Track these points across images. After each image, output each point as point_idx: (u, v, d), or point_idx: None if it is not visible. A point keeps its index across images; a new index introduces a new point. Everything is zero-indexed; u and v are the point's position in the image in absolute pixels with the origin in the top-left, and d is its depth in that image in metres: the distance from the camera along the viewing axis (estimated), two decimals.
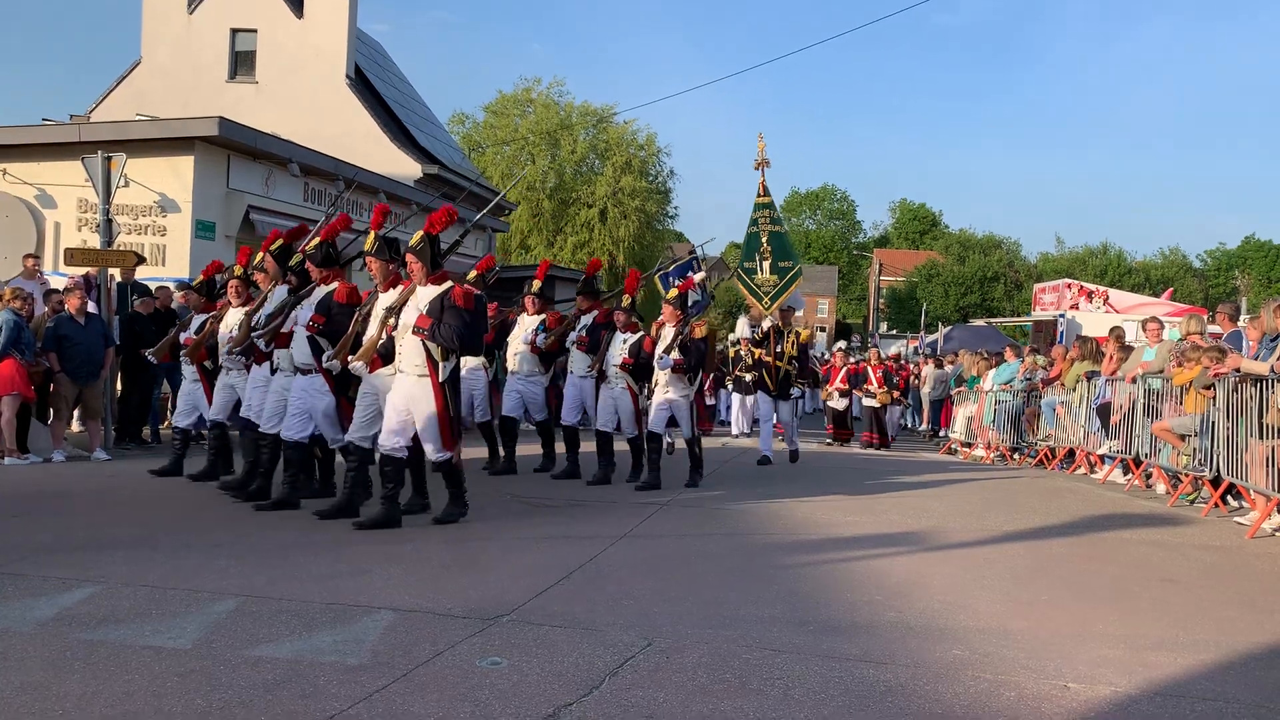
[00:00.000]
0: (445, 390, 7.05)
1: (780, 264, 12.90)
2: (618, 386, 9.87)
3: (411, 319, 7.00)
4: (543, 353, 10.37)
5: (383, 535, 6.85)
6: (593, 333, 10.18)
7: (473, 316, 7.12)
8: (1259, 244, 77.74)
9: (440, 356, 7.01)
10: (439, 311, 6.95)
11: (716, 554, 6.67)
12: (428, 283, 7.09)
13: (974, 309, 65.07)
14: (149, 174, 15.09)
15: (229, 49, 25.43)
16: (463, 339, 7.02)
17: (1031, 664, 4.30)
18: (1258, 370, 8.07)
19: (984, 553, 7.05)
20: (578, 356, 10.27)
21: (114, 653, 4.08)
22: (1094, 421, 12.30)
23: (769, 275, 12.90)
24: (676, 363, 9.47)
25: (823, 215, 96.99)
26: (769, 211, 13.21)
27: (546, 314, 10.59)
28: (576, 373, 10.30)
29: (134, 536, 6.57)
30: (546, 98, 46.14)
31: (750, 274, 13.04)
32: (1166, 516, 9.04)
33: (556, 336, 10.31)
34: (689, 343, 9.52)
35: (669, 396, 9.60)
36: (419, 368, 7.01)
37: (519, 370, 10.47)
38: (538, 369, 10.45)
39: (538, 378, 10.48)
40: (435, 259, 7.12)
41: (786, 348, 12.14)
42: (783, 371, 12.11)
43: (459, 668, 4.02)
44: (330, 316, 7.58)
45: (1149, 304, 27.05)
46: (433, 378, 7.00)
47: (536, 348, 10.29)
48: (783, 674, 4.04)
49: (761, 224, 13.12)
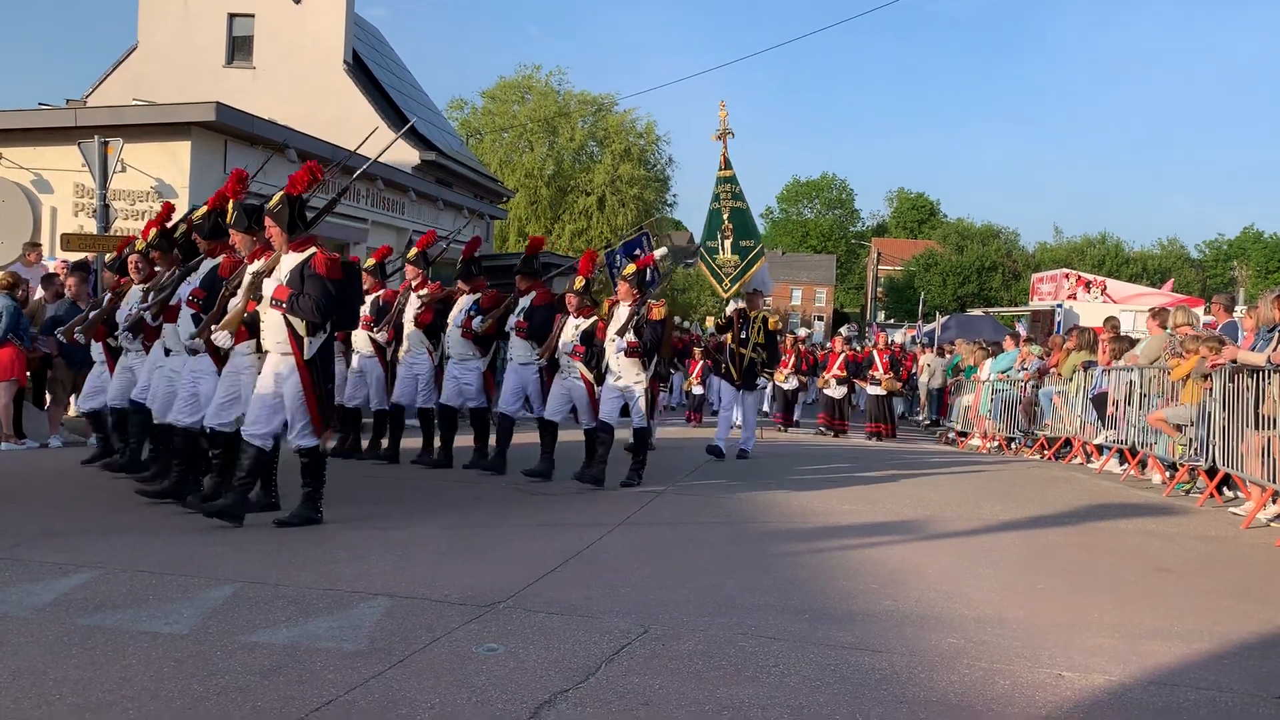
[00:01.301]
0: (313, 369, 6.43)
1: (742, 243, 11.86)
2: (571, 376, 9.16)
3: (271, 290, 6.39)
4: (478, 336, 9.63)
5: (381, 521, 6.85)
6: (531, 316, 9.43)
7: (340, 285, 6.42)
8: (1257, 235, 77.78)
9: (305, 331, 6.37)
10: (299, 281, 6.30)
11: (713, 542, 6.68)
12: (289, 250, 6.44)
13: (972, 298, 65.13)
14: (146, 159, 15.04)
15: (226, 34, 25.33)
16: (325, 310, 6.33)
17: (1026, 652, 4.32)
18: (1254, 361, 8.07)
19: (980, 542, 7.06)
20: (516, 342, 9.59)
21: (111, 638, 4.08)
22: (1090, 411, 12.32)
23: (730, 255, 11.85)
24: (630, 345, 8.73)
25: (821, 204, 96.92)
26: (730, 186, 12.10)
27: (481, 294, 9.83)
28: (515, 359, 9.62)
29: (131, 522, 6.57)
30: (546, 85, 46.04)
31: (712, 254, 12.01)
32: (1162, 506, 9.06)
33: (494, 319, 9.58)
34: (645, 325, 8.83)
35: (622, 383, 8.87)
36: (281, 344, 6.40)
37: (453, 354, 9.80)
38: (472, 353, 9.67)
39: (472, 362, 9.69)
40: (295, 222, 6.44)
41: (753, 334, 11.49)
42: (747, 360, 11.47)
43: (456, 654, 4.03)
44: (213, 291, 6.98)
45: (1147, 294, 27.06)
46: (296, 355, 6.38)
47: (469, 331, 9.57)
48: (778, 661, 4.06)
49: (723, 200, 12.04)
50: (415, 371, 9.83)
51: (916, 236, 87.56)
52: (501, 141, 45.22)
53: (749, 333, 11.47)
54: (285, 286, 6.32)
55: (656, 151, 47.79)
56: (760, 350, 11.44)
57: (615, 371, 8.83)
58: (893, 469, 11.46)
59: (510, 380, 9.64)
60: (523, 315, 9.45)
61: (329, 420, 6.66)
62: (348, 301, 6.67)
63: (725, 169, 12.08)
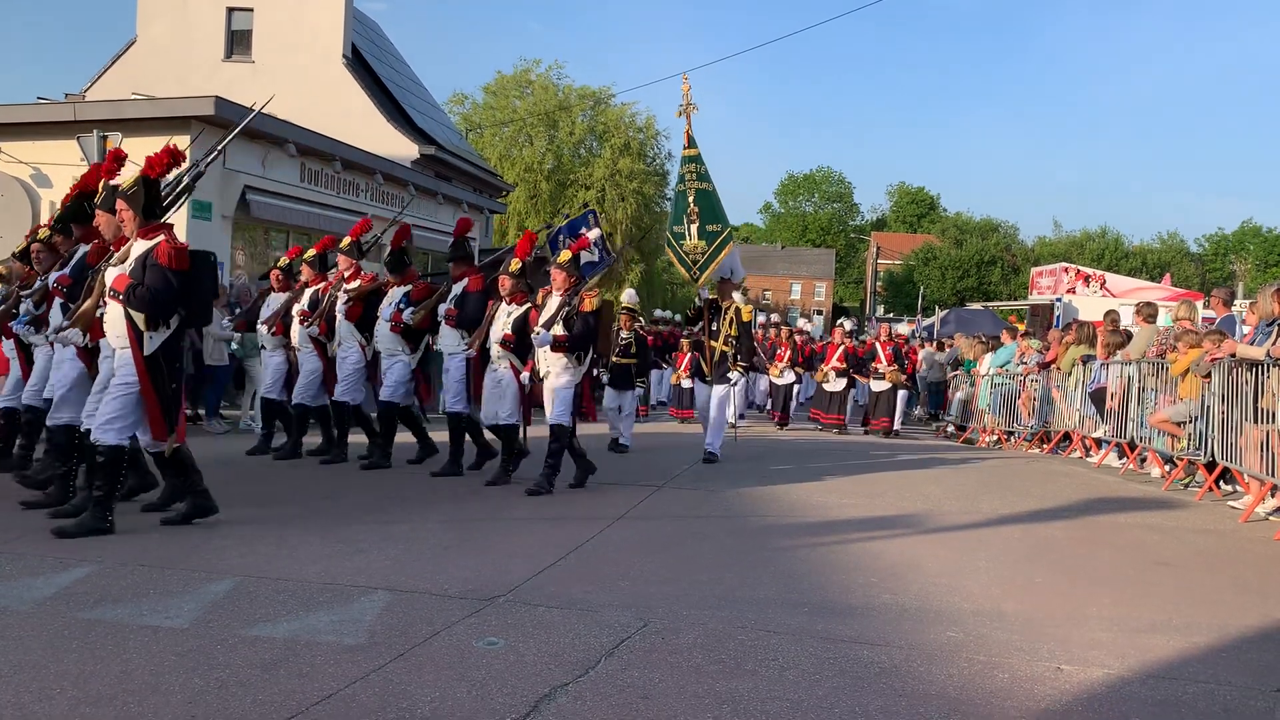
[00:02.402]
0: (154, 367, 5.93)
1: (708, 228, 10.85)
2: (500, 367, 8.48)
3: (111, 279, 5.92)
4: (408, 330, 9.13)
5: (381, 515, 6.86)
6: (463, 303, 8.87)
7: (186, 277, 5.94)
8: (1256, 229, 77.75)
9: (144, 325, 5.88)
10: (142, 271, 5.84)
11: (713, 536, 6.69)
12: (139, 236, 5.98)
13: (971, 292, 65.14)
14: (145, 153, 14.97)
15: (225, 28, 25.30)
16: (163, 304, 5.86)
17: (1025, 646, 4.32)
18: (1253, 355, 8.07)
19: (979, 535, 7.07)
20: (446, 332, 8.97)
21: (112, 632, 4.09)
22: (1089, 405, 12.32)
23: (697, 241, 10.84)
24: (558, 339, 8.01)
25: (820, 198, 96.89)
26: (695, 166, 11.05)
27: (412, 285, 9.34)
28: (445, 350, 9.05)
29: (131, 516, 6.57)
30: (545, 79, 46.04)
31: (679, 240, 10.99)
32: (1161, 500, 9.07)
33: (427, 310, 9.05)
34: (577, 316, 8.09)
35: (553, 380, 8.18)
36: (121, 338, 5.93)
37: (381, 349, 9.33)
38: (400, 348, 9.22)
39: (400, 357, 9.25)
40: (152, 207, 6.01)
41: (724, 325, 10.70)
42: (718, 353, 10.67)
43: (456, 648, 4.03)
44: (78, 278, 6.55)
45: (1146, 288, 27.07)
46: (134, 350, 5.89)
47: (399, 324, 9.08)
48: (778, 655, 4.06)
49: (689, 181, 10.98)
50: (345, 368, 9.44)
51: (916, 230, 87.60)
52: (501, 136, 45.24)
53: (720, 324, 10.73)
54: (126, 276, 5.86)
55: (656, 146, 47.83)
56: (732, 343, 10.66)
57: (546, 368, 8.20)
58: (892, 463, 11.47)
59: (450, 376, 9.10)
60: (454, 303, 8.92)
61: (174, 421, 6.09)
62: (196, 295, 6.12)
63: (690, 148, 11.19)
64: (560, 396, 8.16)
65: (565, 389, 8.16)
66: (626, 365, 12.07)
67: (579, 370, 8.24)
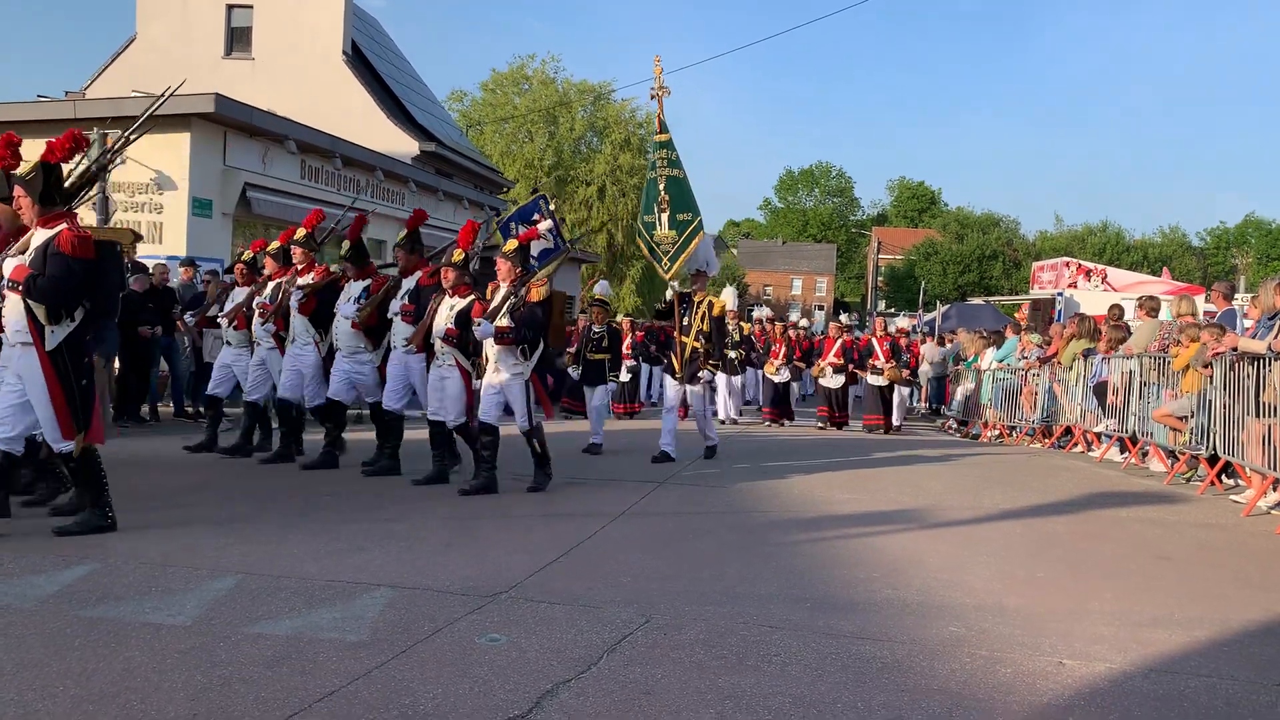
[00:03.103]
0: (58, 362, 5.65)
1: (679, 217, 10.24)
2: (445, 363, 8.14)
3: (9, 270, 5.67)
4: (369, 327, 8.80)
5: (382, 513, 6.86)
6: (418, 298, 8.49)
7: (91, 267, 5.66)
8: (1259, 222, 77.64)
9: (46, 318, 5.62)
10: (43, 261, 5.57)
11: (714, 531, 6.69)
12: (39, 225, 5.72)
13: (972, 287, 65.07)
14: (145, 151, 15.03)
15: (225, 25, 25.32)
16: (64, 294, 5.59)
17: (1027, 641, 4.32)
18: (1255, 349, 8.07)
19: (981, 530, 7.07)
20: (400, 328, 8.60)
21: (114, 630, 4.09)
22: (1091, 400, 12.32)
23: (668, 231, 10.22)
24: (500, 330, 7.64)
25: (820, 193, 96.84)
26: (666, 152, 10.49)
27: (371, 279, 9.00)
28: (398, 347, 8.66)
29: (133, 514, 6.57)
30: (543, 74, 46.04)
31: (649, 230, 10.44)
32: (1163, 494, 9.07)
33: (373, 306, 8.70)
34: (523, 308, 7.72)
35: (500, 377, 7.84)
36: (21, 333, 5.66)
37: (341, 347, 8.97)
38: (361, 345, 8.90)
39: (363, 355, 8.93)
40: (51, 194, 5.76)
41: (695, 320, 10.15)
42: (689, 349, 10.15)
43: (458, 644, 4.03)
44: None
45: (1147, 282, 27.03)
46: (37, 345, 5.63)
47: (355, 323, 8.76)
48: (780, 650, 4.06)
49: (660, 168, 10.44)
50: (299, 365, 9.16)
51: (917, 225, 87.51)
52: (501, 132, 45.22)
53: (691, 318, 10.19)
54: (25, 266, 5.59)
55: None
56: (704, 339, 10.13)
57: (494, 363, 7.84)
58: (893, 458, 11.47)
59: (393, 371, 8.72)
60: (408, 298, 8.52)
61: (83, 421, 5.78)
62: (102, 286, 5.88)
63: (661, 132, 10.67)
64: (515, 395, 7.84)
65: (519, 389, 7.83)
66: (599, 360, 11.66)
67: (528, 365, 7.87)
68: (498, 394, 7.86)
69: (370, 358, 8.97)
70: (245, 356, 9.74)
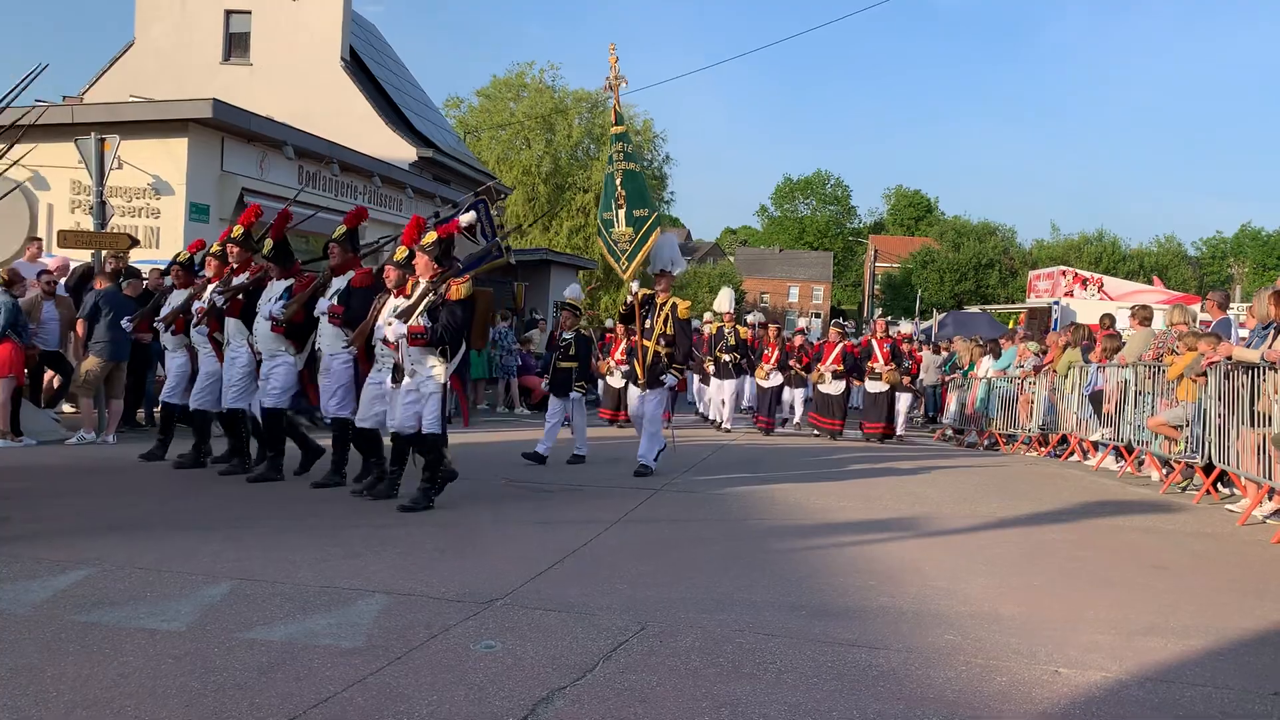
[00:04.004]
0: None
1: (635, 213, 9.64)
2: (386, 368, 7.62)
3: None
4: (291, 328, 8.25)
5: (378, 518, 6.85)
6: (348, 299, 7.97)
7: None
8: (1255, 232, 77.85)
9: None
10: None
11: (710, 539, 6.69)
12: None
13: (969, 295, 65.18)
14: (143, 156, 15.05)
15: (223, 30, 25.32)
16: None
17: (1023, 649, 4.32)
18: (1249, 358, 8.08)
19: (976, 538, 7.07)
20: (327, 329, 8.05)
21: (109, 635, 4.08)
22: (1086, 408, 12.34)
23: (625, 228, 9.62)
24: (412, 330, 7.11)
25: (817, 201, 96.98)
26: (623, 145, 9.99)
27: (295, 279, 8.47)
28: (326, 349, 8.14)
29: (129, 519, 6.57)
30: (539, 82, 46.14)
31: (608, 227, 9.81)
32: (1158, 503, 9.08)
33: (300, 304, 8.18)
34: (441, 306, 7.20)
35: (415, 379, 7.29)
36: None
37: (262, 349, 8.50)
38: (283, 347, 8.36)
39: (282, 358, 8.38)
40: None
41: (657, 323, 9.58)
42: (651, 354, 9.55)
43: (453, 651, 4.03)
44: None
45: (1143, 291, 27.11)
46: None
47: (278, 324, 8.23)
48: (776, 658, 4.06)
49: (616, 162, 9.87)
50: (233, 371, 8.74)
51: (914, 233, 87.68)
52: (499, 139, 45.29)
53: (654, 321, 9.61)
54: None
55: (654, 149, 47.92)
56: (667, 343, 9.57)
57: (411, 365, 7.32)
58: (890, 466, 11.47)
59: (324, 378, 8.22)
60: (337, 298, 8.02)
61: None
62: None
63: (617, 124, 10.23)
64: (429, 400, 7.27)
65: (435, 393, 7.27)
66: (567, 369, 10.90)
67: (448, 368, 7.33)
68: (413, 400, 7.32)
69: (291, 360, 8.43)
70: (185, 362, 9.35)
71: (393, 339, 7.20)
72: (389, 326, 7.19)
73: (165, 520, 6.56)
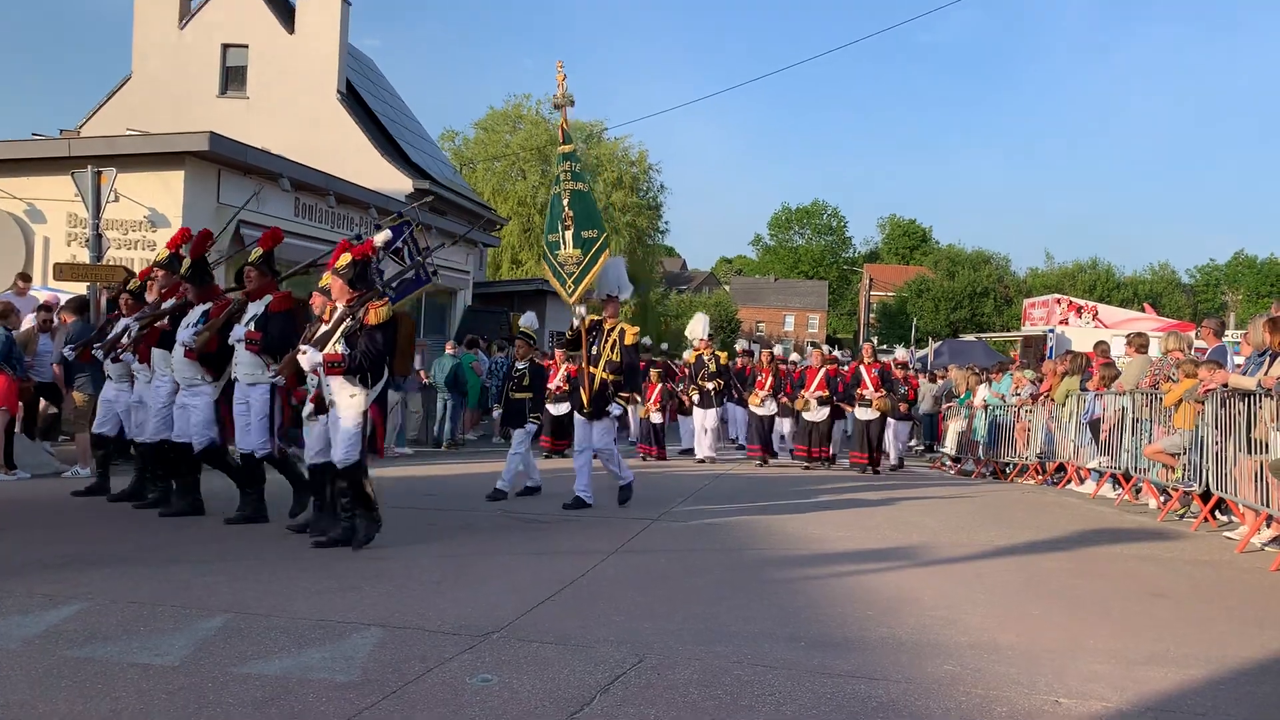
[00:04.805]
0: None
1: (584, 234, 9.23)
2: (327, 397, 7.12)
3: None
4: (206, 356, 7.82)
5: (373, 550, 6.81)
6: (266, 325, 7.58)
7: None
8: (1249, 260, 78.25)
9: None
10: None
11: (708, 569, 6.66)
12: None
13: (964, 324, 65.39)
14: (139, 189, 15.10)
15: (220, 64, 25.50)
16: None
17: (1023, 679, 4.30)
18: (1245, 386, 8.10)
19: (975, 567, 7.05)
20: (244, 356, 7.63)
21: (102, 670, 4.05)
22: (1084, 435, 12.33)
23: (572, 250, 9.21)
24: (328, 359, 6.72)
25: (812, 230, 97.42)
26: (570, 164, 9.61)
27: (212, 303, 8.03)
28: (242, 378, 7.70)
29: (123, 552, 6.53)
30: (536, 114, 46.44)
31: (554, 250, 9.39)
32: (1156, 531, 9.06)
33: (213, 331, 7.77)
34: (359, 331, 6.80)
35: (333, 411, 6.89)
36: None
37: (178, 378, 8.05)
38: (200, 376, 7.91)
39: (201, 388, 7.94)
40: None
41: (604, 349, 9.20)
42: (598, 381, 9.14)
43: (449, 685, 4.00)
44: None
45: (1138, 319, 27.22)
46: None
47: (190, 351, 7.82)
48: (774, 690, 4.03)
49: (564, 182, 9.50)
50: (156, 398, 8.32)
51: (908, 262, 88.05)
52: (494, 170, 45.53)
53: (601, 347, 9.20)
54: None
55: (649, 179, 48.22)
56: (613, 370, 9.16)
57: (329, 395, 6.92)
58: (887, 495, 11.44)
59: (240, 409, 7.79)
60: (254, 324, 7.62)
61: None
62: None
63: (564, 143, 9.93)
64: (343, 431, 6.82)
65: (353, 421, 6.83)
66: (521, 400, 10.39)
67: (368, 395, 6.91)
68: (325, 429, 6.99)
69: (209, 390, 7.96)
70: (126, 392, 8.93)
71: (308, 368, 6.84)
72: (303, 355, 6.84)
73: (159, 553, 6.52)
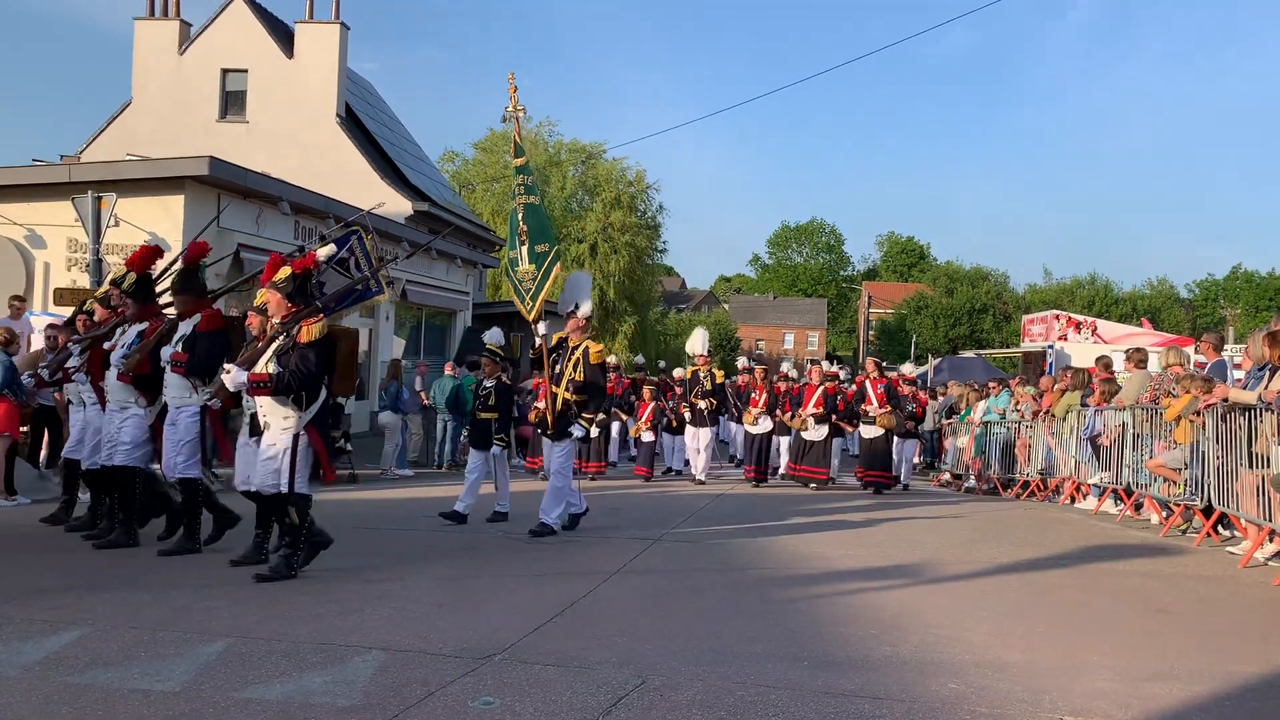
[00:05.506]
0: None
1: (537, 248, 8.98)
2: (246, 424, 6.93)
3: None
4: (138, 377, 7.51)
5: (375, 573, 6.80)
6: (193, 345, 7.31)
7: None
8: (1247, 275, 78.39)
9: None
10: None
11: (710, 590, 6.64)
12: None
13: (963, 340, 65.43)
14: (139, 213, 15.13)
15: (220, 89, 25.63)
16: None
17: (1027, 697, 4.28)
18: (1246, 400, 8.10)
19: (977, 585, 7.03)
20: (172, 379, 7.38)
21: (102, 696, 4.03)
22: (1085, 451, 12.32)
23: (528, 265, 8.96)
24: (253, 379, 6.36)
25: (811, 249, 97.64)
26: (524, 177, 9.44)
27: (148, 323, 7.78)
28: (171, 402, 7.47)
29: (123, 577, 6.51)
30: (536, 135, 46.64)
31: (514, 266, 9.15)
32: (1159, 547, 9.03)
33: (144, 353, 7.51)
34: (293, 349, 6.45)
35: (269, 436, 6.58)
36: None
37: (111, 401, 7.74)
38: (133, 398, 7.61)
39: (133, 409, 7.62)
40: None
41: (567, 368, 8.86)
42: (560, 401, 8.81)
43: (451, 708, 3.98)
44: None
45: (1136, 334, 27.26)
46: None
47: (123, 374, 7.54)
48: (778, 711, 4.02)
49: (518, 196, 9.39)
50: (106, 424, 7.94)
51: (907, 280, 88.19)
52: (493, 191, 45.67)
53: (564, 366, 8.88)
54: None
55: (647, 199, 48.40)
56: (576, 389, 8.83)
57: (264, 418, 6.61)
58: (888, 513, 11.42)
59: (169, 432, 7.49)
60: (182, 345, 7.35)
61: None
62: None
63: (517, 157, 9.69)
64: (266, 456, 6.55)
65: (284, 447, 6.51)
66: (487, 420, 10.04)
67: (302, 418, 6.56)
68: (273, 457, 6.58)
69: (141, 413, 7.64)
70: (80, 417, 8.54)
71: (232, 388, 6.45)
72: (226, 374, 6.42)
73: (160, 578, 6.50)
